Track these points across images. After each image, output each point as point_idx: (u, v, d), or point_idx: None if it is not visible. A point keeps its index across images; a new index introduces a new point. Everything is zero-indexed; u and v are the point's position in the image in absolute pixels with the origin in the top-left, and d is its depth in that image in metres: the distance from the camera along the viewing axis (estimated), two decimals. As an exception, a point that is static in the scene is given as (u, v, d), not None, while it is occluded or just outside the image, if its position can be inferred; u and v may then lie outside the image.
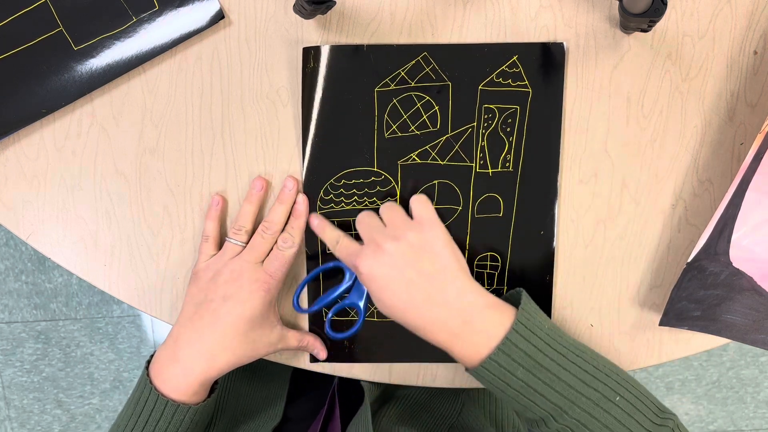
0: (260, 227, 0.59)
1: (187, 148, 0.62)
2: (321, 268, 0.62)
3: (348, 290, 0.60)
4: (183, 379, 0.56)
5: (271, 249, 0.59)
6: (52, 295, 1.49)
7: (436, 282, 0.53)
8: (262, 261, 0.59)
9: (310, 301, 0.63)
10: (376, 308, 0.62)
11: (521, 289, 0.56)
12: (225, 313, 0.56)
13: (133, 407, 0.56)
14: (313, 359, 0.64)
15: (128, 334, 1.50)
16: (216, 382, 0.60)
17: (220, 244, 0.61)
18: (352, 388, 0.69)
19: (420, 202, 0.58)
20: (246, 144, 0.61)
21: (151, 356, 0.58)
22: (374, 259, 0.54)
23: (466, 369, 0.54)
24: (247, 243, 0.60)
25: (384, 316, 0.63)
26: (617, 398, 0.51)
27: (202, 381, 0.56)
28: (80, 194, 0.63)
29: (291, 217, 0.61)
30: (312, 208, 0.61)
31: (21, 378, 1.53)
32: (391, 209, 0.58)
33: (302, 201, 0.61)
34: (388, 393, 0.69)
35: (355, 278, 0.60)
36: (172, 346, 0.57)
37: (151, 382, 0.56)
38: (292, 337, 0.61)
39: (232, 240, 0.59)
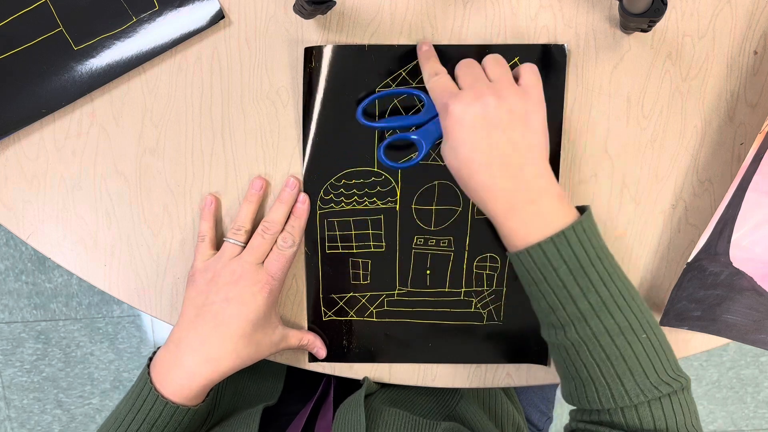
0: (260, 227, 0.59)
1: (187, 148, 0.62)
2: (397, 91, 0.59)
3: (418, 125, 0.58)
4: (186, 383, 0.55)
5: (271, 249, 0.59)
6: (52, 295, 1.49)
7: (519, 154, 0.51)
8: (262, 261, 0.59)
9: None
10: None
11: (589, 205, 0.54)
12: (228, 316, 0.56)
13: (132, 404, 0.56)
14: (313, 359, 0.64)
15: (128, 334, 1.50)
16: None
17: (217, 244, 0.61)
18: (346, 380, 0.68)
19: (531, 71, 0.54)
20: (246, 144, 0.61)
21: (153, 354, 0.58)
22: (470, 105, 0.51)
23: (506, 251, 0.53)
24: (246, 243, 0.59)
25: (383, 317, 0.63)
26: (643, 335, 0.50)
27: (205, 385, 0.56)
28: (80, 194, 0.63)
29: (291, 216, 0.61)
30: (312, 208, 0.61)
31: (21, 378, 1.53)
32: (498, 65, 0.54)
33: (303, 200, 0.60)
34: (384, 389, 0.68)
35: (433, 118, 0.57)
36: (174, 349, 0.57)
37: (151, 382, 0.55)
38: (293, 337, 0.61)
39: (231, 240, 0.59)
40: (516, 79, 0.54)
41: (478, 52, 0.59)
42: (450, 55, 0.59)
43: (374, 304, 0.63)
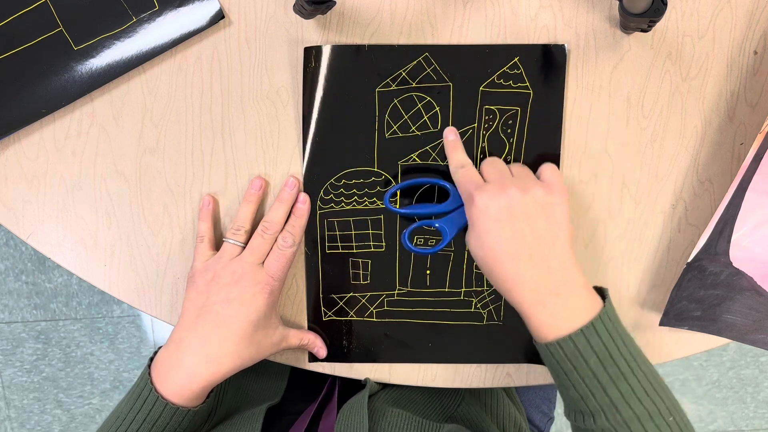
0: (260, 227, 0.59)
1: (187, 148, 0.62)
2: (426, 180, 0.60)
3: (442, 215, 0.59)
4: (186, 384, 0.55)
5: (271, 249, 0.59)
6: (52, 295, 1.49)
7: (543, 245, 0.52)
8: (263, 262, 0.59)
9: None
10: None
11: (607, 289, 0.55)
12: (228, 316, 0.56)
13: (132, 404, 0.56)
14: (313, 359, 0.64)
15: (128, 334, 1.50)
16: None
17: (216, 245, 0.61)
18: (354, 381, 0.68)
19: (552, 169, 0.57)
20: (246, 144, 0.61)
21: (154, 354, 0.58)
22: (494, 197, 0.53)
23: (535, 342, 0.54)
24: (246, 243, 0.59)
25: (383, 317, 0.63)
26: (670, 418, 0.51)
27: (206, 386, 0.56)
28: (80, 194, 0.63)
29: (291, 215, 0.61)
30: (312, 208, 0.61)
31: (21, 378, 1.53)
32: (520, 167, 0.57)
33: (303, 200, 0.60)
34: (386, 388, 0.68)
35: (458, 208, 0.58)
36: (175, 350, 0.57)
37: (152, 382, 0.55)
38: (294, 336, 0.61)
39: (230, 240, 0.59)
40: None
41: (478, 52, 0.59)
42: (450, 55, 0.59)
43: (374, 304, 0.63)
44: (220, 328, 0.56)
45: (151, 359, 0.58)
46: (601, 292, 0.54)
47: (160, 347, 0.59)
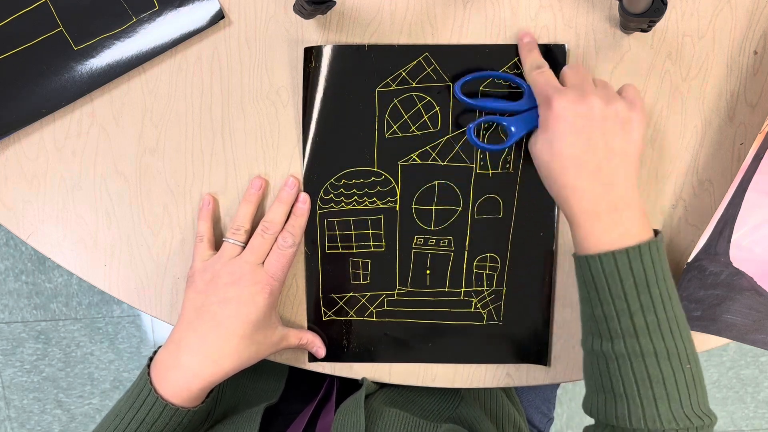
0: (260, 227, 0.59)
1: (187, 148, 0.62)
2: (499, 74, 0.58)
3: (513, 113, 0.57)
4: (185, 384, 0.55)
5: (271, 249, 0.59)
6: (52, 295, 1.49)
7: (614, 161, 0.51)
8: (262, 262, 0.58)
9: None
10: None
11: (661, 231, 0.54)
12: (228, 316, 0.56)
13: (131, 404, 0.56)
14: (312, 359, 0.64)
15: (128, 334, 1.50)
16: None
17: (216, 245, 0.61)
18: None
19: (634, 89, 0.55)
20: (246, 144, 0.61)
21: (153, 354, 0.58)
22: (574, 102, 0.51)
23: (575, 254, 0.53)
24: (245, 243, 0.59)
25: (383, 317, 0.63)
26: (687, 365, 0.50)
27: (205, 387, 0.56)
28: (80, 194, 0.63)
29: (291, 215, 0.60)
30: (312, 208, 0.61)
31: (21, 378, 1.53)
32: (603, 81, 0.55)
33: (304, 200, 0.60)
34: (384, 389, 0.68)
35: (532, 108, 0.56)
36: (174, 350, 0.57)
37: (151, 383, 0.55)
38: (293, 336, 0.61)
39: (230, 240, 0.59)
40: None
41: (478, 52, 0.59)
42: (450, 55, 0.59)
43: (374, 303, 0.63)
44: (219, 328, 0.56)
45: (151, 359, 0.58)
46: (655, 230, 0.54)
47: (159, 347, 0.59)
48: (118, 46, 0.59)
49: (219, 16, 0.59)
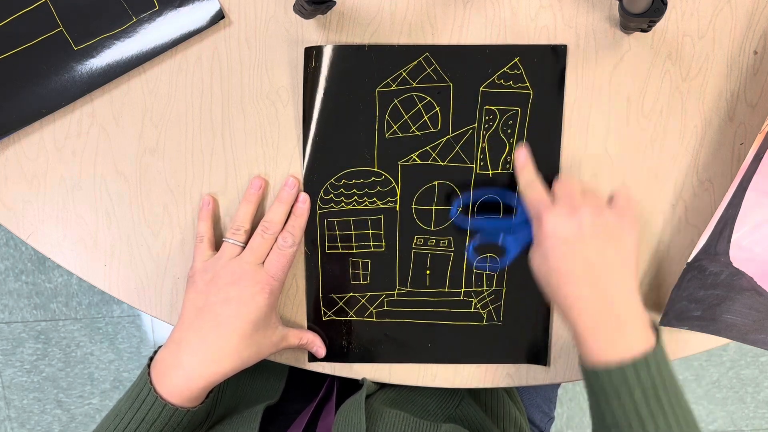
0: (259, 227, 0.59)
1: (187, 148, 0.62)
2: (493, 196, 0.60)
3: (507, 229, 0.58)
4: (185, 384, 0.55)
5: (271, 249, 0.59)
6: (52, 295, 1.49)
7: (610, 272, 0.52)
8: (263, 262, 0.58)
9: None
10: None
11: (660, 327, 0.55)
12: (228, 316, 0.56)
13: (130, 403, 0.56)
14: (312, 359, 0.64)
15: (128, 334, 1.50)
16: None
17: (216, 245, 0.61)
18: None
19: (626, 196, 0.56)
20: (246, 144, 0.61)
21: (154, 353, 0.58)
22: (564, 218, 0.53)
23: (580, 364, 0.53)
24: (245, 243, 0.59)
25: (383, 317, 0.63)
26: None
27: (205, 387, 0.56)
28: (80, 194, 0.63)
29: (291, 215, 0.60)
30: (312, 208, 0.61)
31: (21, 378, 1.53)
32: (592, 192, 0.56)
33: (304, 200, 0.60)
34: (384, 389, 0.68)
35: (523, 223, 0.58)
36: (174, 350, 0.57)
37: (151, 383, 0.55)
38: (293, 336, 0.61)
39: (230, 240, 0.59)
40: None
41: (479, 52, 0.59)
42: (450, 55, 0.59)
43: (374, 304, 0.63)
44: (220, 328, 0.56)
45: (151, 359, 0.58)
46: (654, 325, 0.54)
47: (159, 347, 0.59)
48: (118, 46, 0.59)
49: (219, 16, 0.59)
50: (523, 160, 0.59)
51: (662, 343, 0.52)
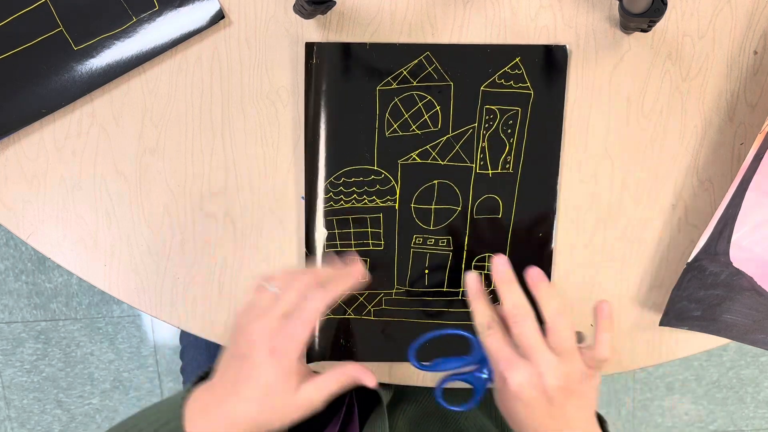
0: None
1: (187, 148, 0.62)
2: (448, 332, 0.57)
3: (472, 364, 0.57)
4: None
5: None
6: (52, 295, 1.49)
7: (571, 424, 0.52)
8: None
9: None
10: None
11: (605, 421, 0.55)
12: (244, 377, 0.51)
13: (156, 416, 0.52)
14: (310, 359, 0.64)
15: (128, 334, 1.50)
16: None
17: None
18: (366, 390, 0.68)
19: (609, 346, 0.53)
20: (246, 144, 0.61)
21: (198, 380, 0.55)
22: (528, 380, 0.50)
23: None
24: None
25: (381, 315, 0.63)
26: None
27: None
28: (80, 194, 0.63)
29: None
30: (311, 207, 0.61)
31: (21, 378, 1.53)
32: (561, 321, 0.51)
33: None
34: (398, 395, 0.68)
35: (483, 360, 0.56)
36: (208, 393, 0.52)
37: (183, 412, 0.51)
38: (326, 382, 0.53)
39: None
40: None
41: (480, 52, 0.59)
42: (451, 55, 0.59)
43: (372, 302, 0.63)
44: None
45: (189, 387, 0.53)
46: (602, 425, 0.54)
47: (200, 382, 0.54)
48: (118, 46, 0.59)
49: (219, 16, 0.59)
50: (475, 289, 0.55)
51: None
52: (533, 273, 0.54)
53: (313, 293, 0.51)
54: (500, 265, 0.54)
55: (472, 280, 0.55)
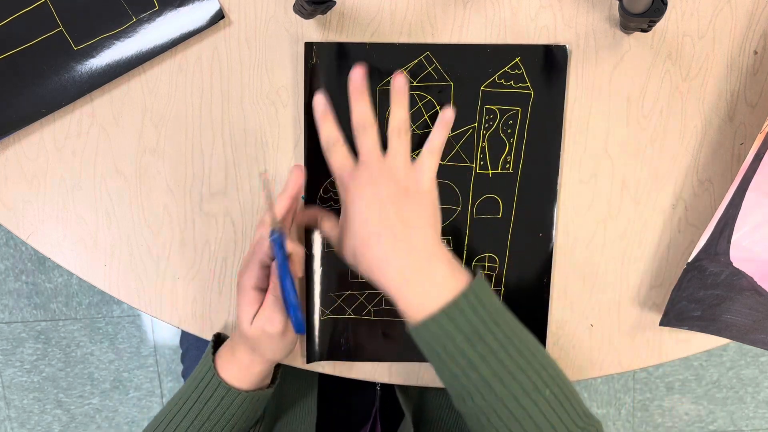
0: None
1: (187, 148, 0.62)
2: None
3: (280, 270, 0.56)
4: (239, 373, 0.58)
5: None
6: (52, 295, 1.49)
7: (408, 228, 0.53)
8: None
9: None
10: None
11: (480, 270, 0.54)
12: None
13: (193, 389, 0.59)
14: (310, 359, 0.64)
15: (128, 334, 1.50)
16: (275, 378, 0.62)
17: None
18: (390, 406, 0.68)
19: (430, 160, 0.56)
20: (246, 144, 0.61)
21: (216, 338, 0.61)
22: (368, 182, 0.54)
23: (407, 329, 0.53)
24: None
25: (381, 315, 0.63)
26: (547, 392, 0.49)
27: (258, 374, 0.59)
28: (80, 194, 0.63)
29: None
30: (311, 206, 0.61)
31: (21, 378, 1.53)
32: (400, 142, 0.55)
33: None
34: (419, 414, 0.68)
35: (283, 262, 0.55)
36: (227, 346, 0.59)
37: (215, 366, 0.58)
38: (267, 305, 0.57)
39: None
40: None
41: (480, 52, 0.59)
42: (451, 55, 0.59)
43: (372, 302, 0.63)
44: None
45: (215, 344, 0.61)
46: (467, 268, 0.54)
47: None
48: (118, 46, 0.59)
49: (219, 16, 0.59)
50: (321, 111, 0.57)
51: (478, 284, 0.51)
52: (398, 80, 0.56)
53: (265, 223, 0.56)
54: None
55: (318, 99, 0.57)
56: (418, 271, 0.52)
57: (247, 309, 0.55)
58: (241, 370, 0.58)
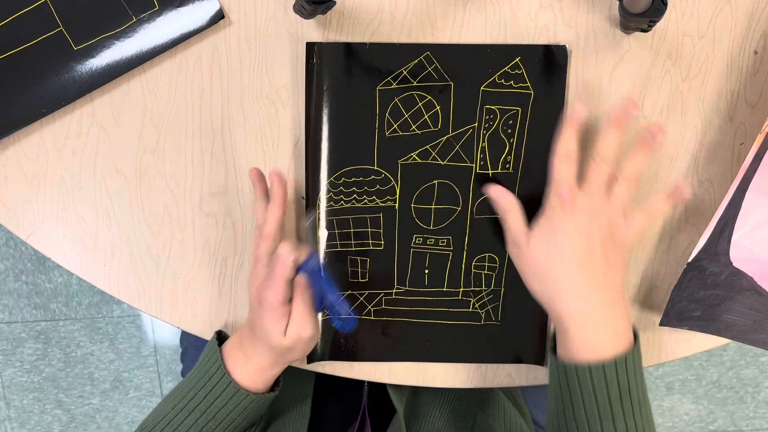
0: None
1: (187, 148, 0.62)
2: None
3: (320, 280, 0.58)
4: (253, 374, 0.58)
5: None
6: (52, 295, 1.49)
7: (609, 269, 0.53)
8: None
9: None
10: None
11: (637, 328, 0.56)
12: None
13: (203, 384, 0.59)
14: (311, 360, 0.64)
15: (128, 334, 1.50)
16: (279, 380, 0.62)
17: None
18: (380, 403, 0.68)
19: (646, 217, 0.56)
20: (246, 144, 0.61)
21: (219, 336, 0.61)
22: (585, 210, 0.53)
23: (558, 359, 0.54)
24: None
25: (381, 315, 0.63)
26: None
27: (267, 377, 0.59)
28: (80, 194, 0.63)
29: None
30: (312, 206, 0.61)
31: (21, 378, 1.53)
32: (624, 188, 0.54)
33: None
34: (409, 411, 0.68)
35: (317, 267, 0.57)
36: (237, 346, 0.59)
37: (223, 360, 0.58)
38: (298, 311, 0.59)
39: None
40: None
41: (480, 52, 0.59)
42: (451, 55, 0.59)
43: (372, 302, 0.63)
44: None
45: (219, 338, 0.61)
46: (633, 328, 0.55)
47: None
48: (118, 46, 0.59)
49: (219, 16, 0.59)
50: (574, 115, 0.55)
51: (639, 341, 0.53)
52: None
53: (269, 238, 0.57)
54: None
55: (579, 109, 0.55)
56: (603, 314, 0.52)
57: (277, 324, 0.56)
58: (257, 372, 0.58)
